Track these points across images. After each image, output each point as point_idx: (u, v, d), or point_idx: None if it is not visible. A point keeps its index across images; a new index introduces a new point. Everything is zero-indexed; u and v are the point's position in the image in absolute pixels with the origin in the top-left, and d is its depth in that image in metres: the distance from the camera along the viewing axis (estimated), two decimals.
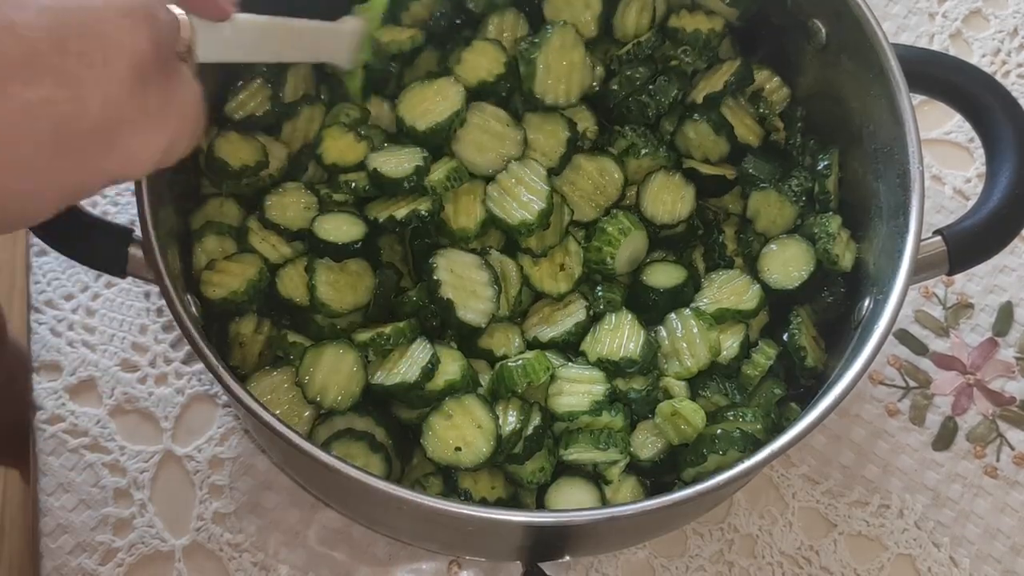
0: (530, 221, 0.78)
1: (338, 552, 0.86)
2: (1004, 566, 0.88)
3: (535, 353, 0.75)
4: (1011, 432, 0.93)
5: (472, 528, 0.67)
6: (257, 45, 0.71)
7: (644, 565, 0.87)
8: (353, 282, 0.79)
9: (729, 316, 0.79)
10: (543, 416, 0.74)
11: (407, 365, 0.74)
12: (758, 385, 0.79)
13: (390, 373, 0.74)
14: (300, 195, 0.82)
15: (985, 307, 0.98)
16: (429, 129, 0.80)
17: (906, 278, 0.69)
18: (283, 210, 0.81)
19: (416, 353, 0.74)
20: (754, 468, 0.64)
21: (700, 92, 0.86)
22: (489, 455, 0.71)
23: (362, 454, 0.73)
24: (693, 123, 0.85)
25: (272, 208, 0.81)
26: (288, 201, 0.81)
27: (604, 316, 0.79)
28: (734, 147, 0.86)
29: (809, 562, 0.88)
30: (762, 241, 0.84)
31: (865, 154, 0.80)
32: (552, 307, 0.82)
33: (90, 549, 0.85)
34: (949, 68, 0.79)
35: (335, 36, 0.80)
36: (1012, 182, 0.74)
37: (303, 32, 0.76)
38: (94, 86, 0.47)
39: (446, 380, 0.73)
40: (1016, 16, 1.12)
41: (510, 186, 0.80)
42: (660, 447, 0.76)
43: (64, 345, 0.92)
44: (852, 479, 0.91)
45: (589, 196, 0.84)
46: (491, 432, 0.71)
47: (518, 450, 0.72)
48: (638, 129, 0.85)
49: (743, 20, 0.88)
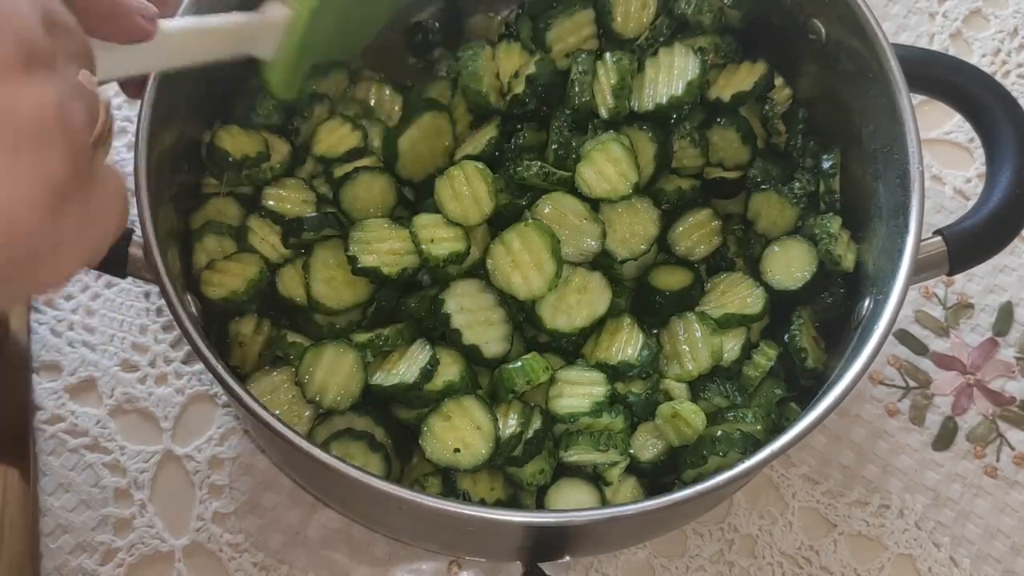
0: (540, 292, 0.76)
1: (338, 552, 0.86)
2: (1004, 566, 0.88)
3: (532, 354, 0.75)
4: (1011, 432, 0.93)
5: (472, 528, 0.67)
6: (176, 53, 0.67)
7: (644, 565, 0.87)
8: (351, 280, 0.79)
9: (734, 321, 0.79)
10: (544, 419, 0.74)
11: (406, 366, 0.74)
12: (758, 386, 0.79)
13: (389, 374, 0.74)
14: (300, 191, 0.82)
15: (985, 307, 0.98)
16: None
17: (906, 278, 0.69)
18: (281, 202, 0.82)
19: (415, 354, 0.74)
20: (754, 468, 0.64)
21: (724, 89, 0.85)
22: (488, 457, 0.71)
23: (361, 454, 0.73)
24: (719, 128, 0.85)
25: (269, 198, 0.82)
26: (287, 195, 0.82)
27: (605, 319, 0.79)
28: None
29: (809, 562, 0.88)
30: (763, 242, 0.84)
31: (865, 154, 0.80)
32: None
33: (90, 549, 0.85)
34: (949, 68, 0.79)
35: (259, 28, 0.74)
36: (1012, 182, 0.74)
37: (226, 30, 0.71)
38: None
39: (445, 381, 0.73)
40: (1016, 16, 1.11)
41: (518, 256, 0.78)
42: (660, 449, 0.76)
43: (64, 345, 0.92)
44: (852, 479, 0.91)
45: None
46: (490, 434, 0.71)
47: (518, 453, 0.72)
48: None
49: (745, 22, 0.88)
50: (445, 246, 0.76)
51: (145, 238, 0.68)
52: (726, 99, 0.85)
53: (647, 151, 0.82)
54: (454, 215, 0.77)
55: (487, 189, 0.77)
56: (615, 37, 0.87)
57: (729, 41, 0.87)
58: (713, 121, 0.85)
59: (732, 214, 0.87)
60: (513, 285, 0.75)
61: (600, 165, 0.78)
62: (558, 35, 0.87)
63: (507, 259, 0.75)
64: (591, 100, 0.83)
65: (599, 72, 0.83)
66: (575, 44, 0.87)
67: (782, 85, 0.88)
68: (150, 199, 0.69)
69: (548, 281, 0.75)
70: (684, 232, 0.84)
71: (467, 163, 0.78)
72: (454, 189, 0.77)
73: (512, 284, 0.75)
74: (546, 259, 0.75)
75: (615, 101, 0.82)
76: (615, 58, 0.83)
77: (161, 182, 0.72)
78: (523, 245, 0.75)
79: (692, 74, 0.82)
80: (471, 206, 0.77)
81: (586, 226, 0.78)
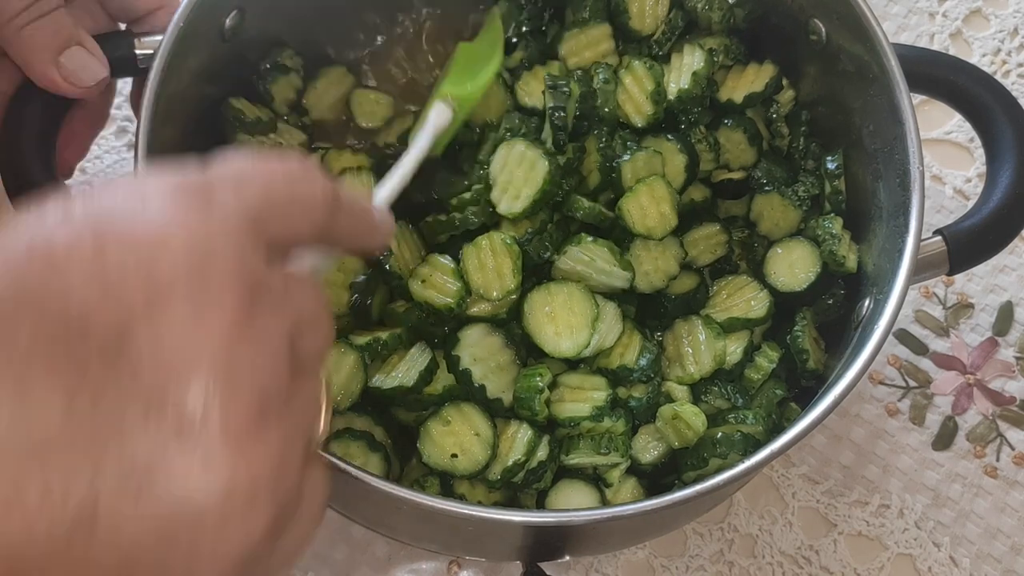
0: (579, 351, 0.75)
1: (338, 552, 0.86)
2: (1004, 566, 0.88)
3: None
4: (1011, 432, 0.93)
5: (472, 528, 0.67)
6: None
7: (644, 565, 0.87)
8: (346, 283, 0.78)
9: (739, 325, 0.79)
10: (550, 450, 0.73)
11: (405, 369, 0.74)
12: (760, 387, 0.79)
13: (388, 376, 0.74)
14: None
15: (985, 307, 0.98)
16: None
17: (906, 278, 0.69)
18: None
19: (415, 358, 0.74)
20: (754, 468, 0.64)
21: (734, 91, 0.85)
22: (485, 463, 0.70)
23: (361, 453, 0.73)
24: (726, 129, 0.85)
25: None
26: None
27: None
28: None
29: (809, 562, 0.88)
30: (766, 244, 0.84)
31: (865, 154, 0.80)
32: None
33: None
34: (949, 68, 0.79)
35: (434, 140, 0.76)
36: (1012, 182, 0.74)
37: (416, 163, 0.71)
38: None
39: (444, 385, 0.73)
40: (1016, 16, 1.11)
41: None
42: (661, 451, 0.76)
43: None
44: (852, 479, 0.91)
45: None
46: (488, 441, 0.71)
47: (518, 480, 0.72)
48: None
49: (747, 22, 0.88)
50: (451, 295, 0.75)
51: None
52: (738, 100, 0.85)
53: (678, 163, 0.82)
54: (476, 285, 0.75)
55: (511, 266, 0.74)
56: (633, 36, 0.87)
57: (736, 43, 0.87)
58: (720, 123, 0.85)
59: (735, 216, 0.87)
60: (543, 336, 0.74)
61: (644, 202, 0.78)
62: (571, 48, 0.86)
63: (545, 308, 0.75)
64: (618, 109, 0.82)
65: (625, 81, 0.83)
66: (592, 58, 0.86)
67: (786, 87, 0.88)
68: None
69: (577, 348, 0.74)
70: (691, 243, 0.83)
71: (495, 235, 0.75)
72: (480, 260, 0.75)
73: (542, 335, 0.74)
74: (583, 326, 0.74)
75: (654, 107, 0.82)
76: (647, 65, 0.82)
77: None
78: (567, 303, 0.74)
79: (697, 65, 0.82)
80: (493, 280, 0.75)
81: (616, 271, 0.77)
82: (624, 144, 0.81)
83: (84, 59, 0.71)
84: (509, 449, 0.72)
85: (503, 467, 0.71)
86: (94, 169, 0.99)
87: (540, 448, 0.73)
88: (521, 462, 0.71)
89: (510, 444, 0.73)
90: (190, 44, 0.73)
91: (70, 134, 0.76)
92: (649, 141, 0.82)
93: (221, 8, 0.77)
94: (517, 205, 0.76)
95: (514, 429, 0.73)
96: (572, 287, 0.75)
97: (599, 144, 0.81)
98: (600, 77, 0.82)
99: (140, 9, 0.77)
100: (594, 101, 0.82)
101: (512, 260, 0.75)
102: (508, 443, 0.73)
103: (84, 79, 0.71)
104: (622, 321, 0.77)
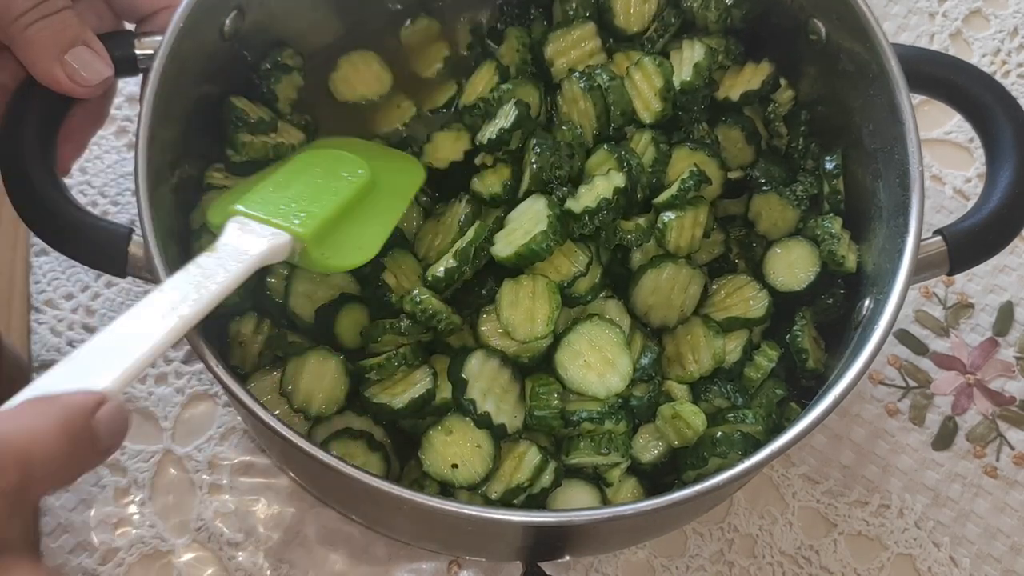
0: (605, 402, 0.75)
1: (338, 552, 0.86)
2: (1004, 566, 0.88)
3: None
4: (1011, 432, 0.93)
5: (472, 528, 0.67)
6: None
7: (644, 565, 0.87)
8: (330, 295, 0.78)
9: (738, 325, 0.79)
10: (555, 475, 0.72)
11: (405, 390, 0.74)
12: (759, 387, 0.79)
13: (395, 398, 0.73)
14: None
15: (985, 307, 0.98)
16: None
17: (906, 278, 0.69)
18: None
19: (418, 380, 0.74)
20: (754, 468, 0.64)
21: (731, 89, 0.85)
22: (485, 476, 0.70)
23: (361, 453, 0.73)
24: (724, 127, 0.85)
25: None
26: None
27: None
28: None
29: (809, 562, 0.87)
30: (764, 244, 0.84)
31: (865, 154, 0.80)
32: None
33: (90, 549, 0.85)
34: (949, 68, 0.79)
35: (273, 253, 0.68)
36: (1012, 182, 0.74)
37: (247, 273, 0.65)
38: None
39: (442, 398, 0.73)
40: (1016, 16, 1.11)
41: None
42: (661, 450, 0.76)
43: (64, 345, 0.92)
44: (852, 479, 0.91)
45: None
46: (489, 453, 0.71)
47: (518, 502, 0.72)
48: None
49: (746, 22, 0.88)
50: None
51: (145, 238, 0.67)
52: (735, 98, 0.85)
53: (712, 167, 0.82)
54: (504, 321, 0.73)
55: (548, 314, 0.73)
56: (619, 34, 0.87)
57: (734, 43, 0.87)
58: (718, 120, 0.85)
59: (733, 215, 0.87)
60: (586, 382, 0.73)
61: (664, 288, 0.79)
62: (557, 50, 0.86)
63: (579, 347, 0.74)
64: (630, 105, 0.82)
65: (635, 77, 0.82)
66: (579, 58, 0.86)
67: (785, 87, 0.88)
68: (150, 199, 0.68)
69: (607, 392, 0.73)
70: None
71: (541, 279, 0.74)
72: (517, 296, 0.74)
73: (585, 381, 0.73)
74: (610, 368, 0.74)
75: (662, 104, 0.81)
76: (657, 62, 0.82)
77: (161, 181, 0.72)
78: (602, 347, 0.74)
79: (699, 57, 0.82)
80: (524, 321, 0.73)
81: (637, 338, 0.79)
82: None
83: (89, 58, 0.71)
84: (515, 469, 0.72)
85: (505, 487, 0.71)
86: (94, 169, 0.99)
87: (546, 473, 0.72)
88: (524, 486, 0.71)
89: (516, 464, 0.72)
90: (190, 44, 0.74)
91: (68, 132, 0.76)
92: (678, 148, 0.82)
93: (221, 8, 0.77)
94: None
95: (522, 449, 0.73)
96: (589, 325, 0.74)
97: (624, 156, 0.80)
98: (603, 77, 0.82)
99: (147, 8, 0.77)
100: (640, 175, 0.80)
101: (550, 308, 0.73)
102: (514, 462, 0.72)
103: (88, 78, 0.71)
104: (629, 358, 0.76)
